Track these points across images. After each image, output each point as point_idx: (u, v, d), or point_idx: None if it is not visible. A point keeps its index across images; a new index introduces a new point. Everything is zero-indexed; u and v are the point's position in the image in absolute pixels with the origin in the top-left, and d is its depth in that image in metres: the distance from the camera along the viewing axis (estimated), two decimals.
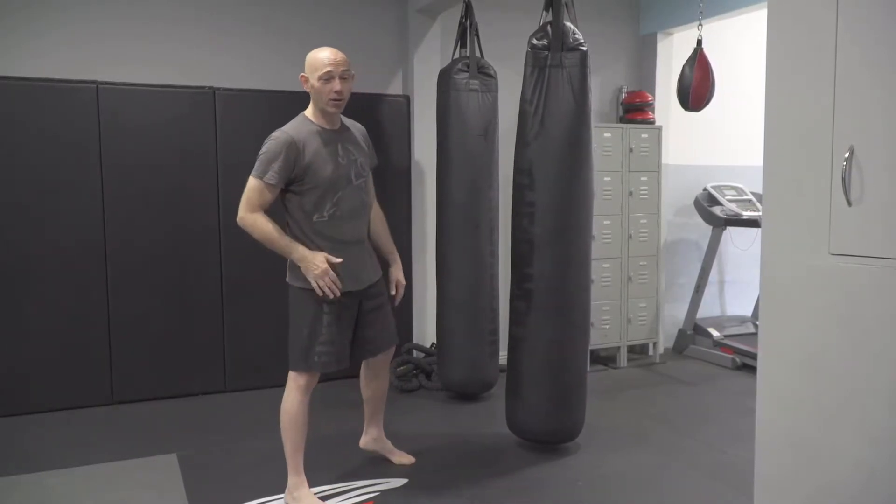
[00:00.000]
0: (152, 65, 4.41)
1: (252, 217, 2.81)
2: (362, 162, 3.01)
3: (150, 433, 3.85)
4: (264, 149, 2.84)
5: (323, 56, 2.87)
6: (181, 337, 4.45)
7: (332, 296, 2.82)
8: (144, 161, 4.31)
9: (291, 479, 2.98)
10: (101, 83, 4.20)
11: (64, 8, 4.22)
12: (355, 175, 2.96)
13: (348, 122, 3.08)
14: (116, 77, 4.28)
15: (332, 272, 2.80)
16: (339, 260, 2.82)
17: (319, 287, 2.80)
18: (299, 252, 2.81)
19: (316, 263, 2.79)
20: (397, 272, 3.26)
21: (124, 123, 4.25)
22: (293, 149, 2.81)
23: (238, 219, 2.84)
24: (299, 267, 2.87)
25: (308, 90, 2.92)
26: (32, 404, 4.14)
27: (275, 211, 2.90)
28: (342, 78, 2.87)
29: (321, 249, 2.86)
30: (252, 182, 2.84)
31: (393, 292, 3.23)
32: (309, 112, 2.96)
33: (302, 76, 2.91)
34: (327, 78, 2.85)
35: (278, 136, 2.85)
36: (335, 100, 2.88)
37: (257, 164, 2.84)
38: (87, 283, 4.23)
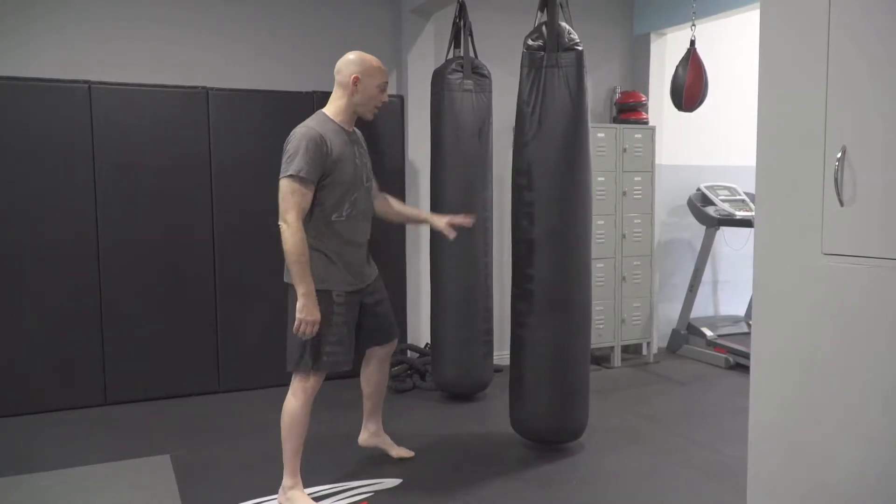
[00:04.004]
0: (145, 65, 4.41)
1: (297, 225, 2.73)
2: (369, 166, 3.07)
3: (143, 434, 3.84)
4: (290, 145, 2.80)
5: (379, 64, 2.98)
6: (174, 337, 4.44)
7: (303, 338, 2.81)
8: (137, 161, 4.29)
9: (287, 480, 2.96)
10: (94, 83, 4.19)
11: (56, 8, 4.21)
12: (366, 178, 3.01)
13: (356, 129, 3.12)
14: (109, 77, 4.27)
15: (316, 327, 2.80)
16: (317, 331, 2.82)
17: (299, 328, 2.78)
18: (309, 288, 2.75)
19: (315, 313, 2.77)
20: (437, 217, 3.35)
21: (117, 123, 4.24)
22: (323, 143, 2.80)
23: (282, 224, 2.76)
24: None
25: (352, 90, 2.91)
26: (25, 405, 4.12)
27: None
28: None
29: (333, 250, 2.88)
30: (286, 184, 2.75)
31: (451, 229, 3.27)
32: (330, 112, 2.96)
33: (355, 77, 2.90)
34: (384, 87, 2.98)
35: (304, 130, 2.82)
36: (378, 108, 3.00)
37: (285, 163, 2.77)
38: (80, 284, 4.21)
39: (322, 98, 4.56)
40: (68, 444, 3.70)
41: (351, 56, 2.95)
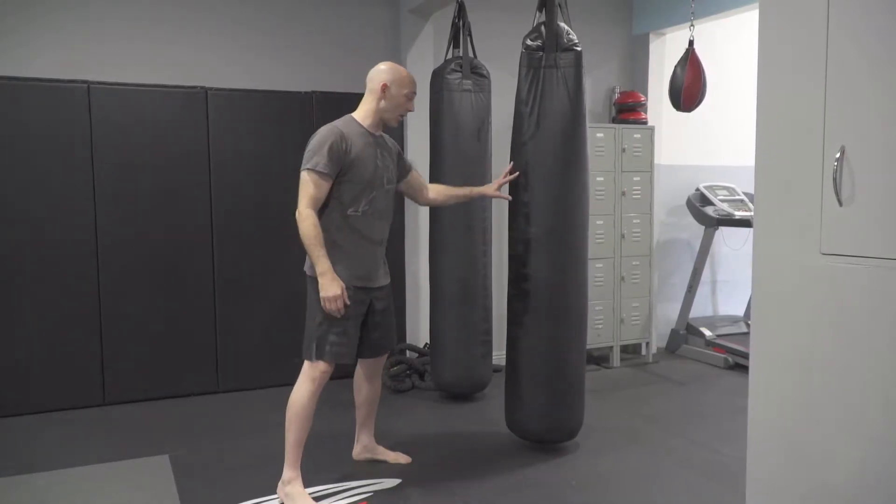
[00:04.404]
0: (144, 65, 4.40)
1: (307, 213, 2.84)
2: (392, 170, 3.16)
3: (142, 434, 3.84)
4: (313, 141, 2.93)
5: (409, 75, 3.12)
6: (173, 337, 4.44)
7: (336, 315, 2.89)
8: (136, 161, 4.29)
9: (287, 473, 2.98)
10: (93, 83, 4.19)
11: (56, 8, 4.20)
12: (387, 180, 3.10)
13: (385, 134, 3.22)
14: (108, 77, 4.26)
15: (343, 300, 2.87)
16: (348, 304, 2.90)
17: (326, 307, 2.86)
18: (325, 267, 2.85)
19: (334, 287, 2.85)
20: (486, 186, 3.62)
21: (116, 123, 4.24)
22: (343, 140, 2.91)
23: (297, 212, 2.86)
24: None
25: (380, 96, 3.04)
26: (24, 405, 4.12)
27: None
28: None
29: (348, 243, 2.96)
30: (304, 176, 2.88)
31: (499, 187, 3.50)
32: (358, 115, 3.08)
33: (384, 84, 3.03)
34: (411, 97, 3.12)
35: (328, 128, 2.96)
36: (403, 116, 3.14)
37: (306, 157, 2.90)
38: (79, 284, 4.21)
39: (321, 98, 4.60)
40: (67, 444, 3.70)
41: (382, 66, 3.09)
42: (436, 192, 3.47)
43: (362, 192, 2.98)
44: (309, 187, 2.86)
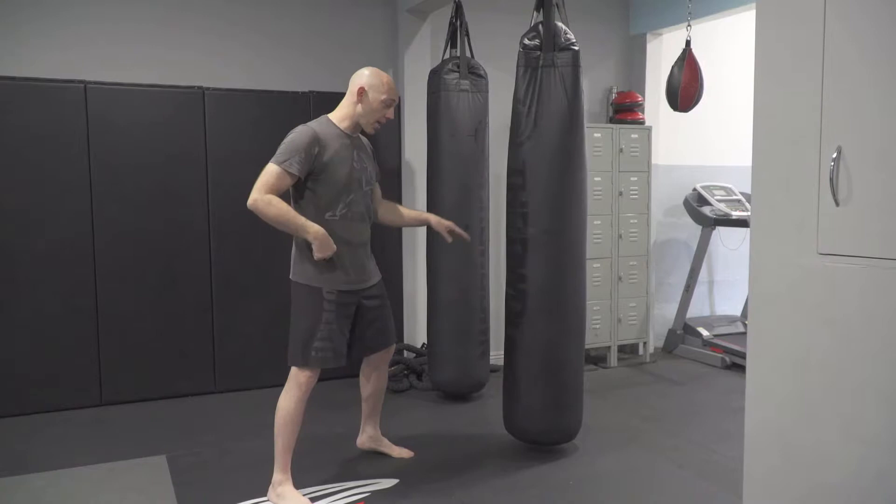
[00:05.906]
0: (141, 65, 4.39)
1: (267, 198, 2.80)
2: (371, 171, 3.14)
3: (139, 435, 3.83)
4: (288, 139, 2.90)
5: (389, 82, 3.04)
6: (170, 338, 4.43)
7: (325, 258, 2.90)
8: (133, 161, 4.28)
9: (277, 476, 2.99)
10: (89, 83, 4.18)
11: (52, 9, 4.19)
12: (365, 182, 3.08)
13: (362, 136, 3.19)
14: (104, 77, 4.26)
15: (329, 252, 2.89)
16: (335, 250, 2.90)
17: (319, 256, 2.87)
18: (314, 229, 2.84)
19: (328, 244, 2.85)
20: (438, 219, 3.40)
21: (113, 123, 4.23)
22: (316, 143, 2.89)
23: (251, 201, 2.81)
24: (303, 262, 2.94)
25: (357, 101, 3.01)
26: (20, 406, 4.11)
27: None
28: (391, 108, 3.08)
29: None
30: (272, 167, 2.84)
31: (449, 234, 3.36)
32: (335, 117, 3.05)
33: (361, 87, 2.99)
34: (388, 104, 3.04)
35: (304, 129, 2.93)
36: (381, 123, 3.06)
37: (279, 152, 2.87)
38: (76, 284, 4.20)
39: (318, 98, 4.59)
40: (64, 444, 3.69)
41: (365, 70, 3.05)
42: (384, 209, 3.33)
43: (339, 195, 2.95)
44: (271, 177, 2.81)
